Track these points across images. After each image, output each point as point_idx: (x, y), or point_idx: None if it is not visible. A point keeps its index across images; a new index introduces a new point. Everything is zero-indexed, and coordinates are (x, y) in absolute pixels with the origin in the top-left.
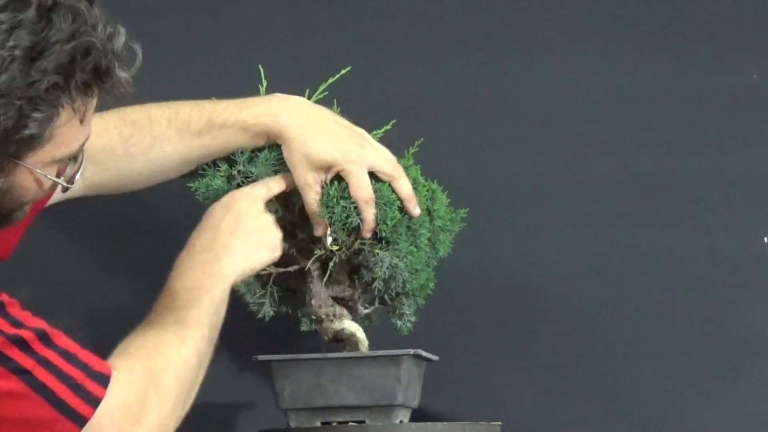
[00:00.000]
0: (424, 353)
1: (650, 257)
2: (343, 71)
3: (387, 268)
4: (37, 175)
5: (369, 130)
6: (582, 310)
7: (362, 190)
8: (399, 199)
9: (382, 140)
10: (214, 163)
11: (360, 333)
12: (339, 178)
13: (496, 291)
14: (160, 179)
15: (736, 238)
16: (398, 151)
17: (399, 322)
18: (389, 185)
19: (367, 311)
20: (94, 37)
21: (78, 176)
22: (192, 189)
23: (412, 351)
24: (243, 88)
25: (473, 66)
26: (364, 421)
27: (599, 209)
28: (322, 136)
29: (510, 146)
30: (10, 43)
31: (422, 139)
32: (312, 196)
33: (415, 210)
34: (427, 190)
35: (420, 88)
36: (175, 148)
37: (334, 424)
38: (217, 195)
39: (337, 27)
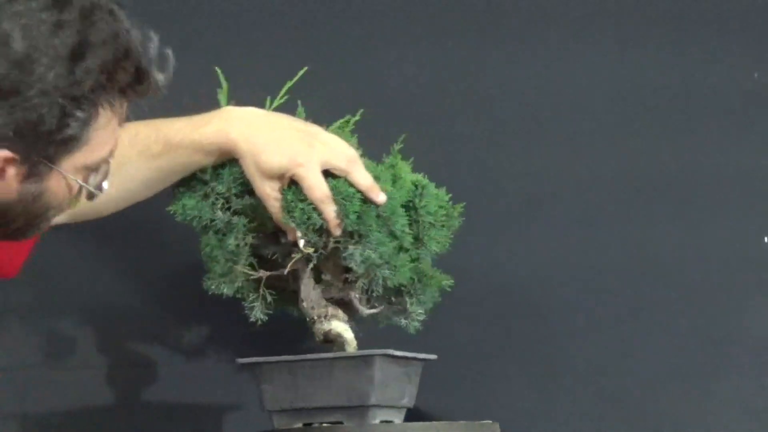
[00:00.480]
0: (397, 353)
1: (650, 257)
2: (300, 72)
3: (361, 261)
4: (69, 180)
5: (366, 129)
6: (581, 310)
7: (315, 190)
8: (359, 191)
9: (371, 133)
10: (188, 184)
11: (347, 333)
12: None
13: (495, 291)
14: (129, 201)
15: (737, 237)
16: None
17: (404, 321)
18: (345, 180)
19: (372, 311)
20: (133, 39)
21: (105, 184)
22: (171, 212)
23: (380, 351)
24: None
25: (473, 64)
26: (341, 422)
27: (598, 209)
28: (271, 146)
29: (510, 146)
30: (55, 42)
31: (404, 135)
32: (272, 205)
33: (379, 197)
34: (415, 184)
35: (419, 85)
36: (137, 170)
37: (316, 425)
38: (194, 215)
39: (332, 23)
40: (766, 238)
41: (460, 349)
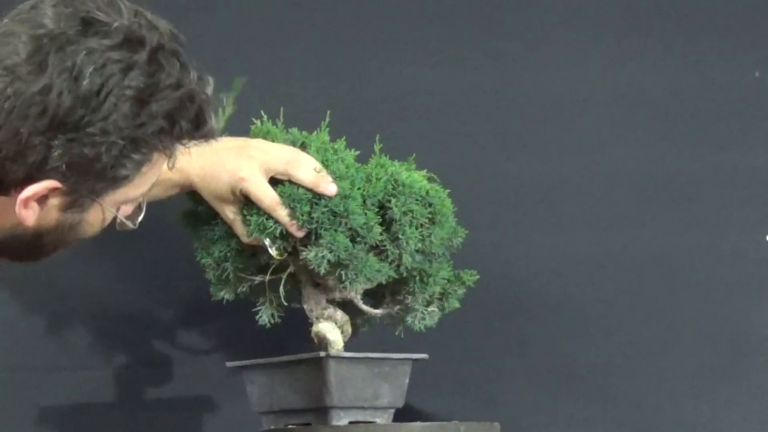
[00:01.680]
0: (347, 354)
1: (650, 257)
2: (241, 82)
3: (317, 262)
4: (106, 213)
5: (370, 131)
6: (582, 310)
7: (263, 200)
8: (306, 188)
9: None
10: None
11: (331, 335)
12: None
13: (497, 290)
14: None
15: (738, 237)
16: (396, 151)
17: (409, 320)
18: (290, 182)
19: (379, 311)
20: (198, 85)
21: (140, 218)
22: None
23: (323, 353)
24: None
25: (473, 65)
26: (310, 423)
27: (599, 209)
28: (215, 171)
29: (510, 146)
30: (125, 83)
31: (379, 135)
32: (237, 227)
33: (328, 189)
34: (394, 182)
35: (422, 86)
36: None
37: (291, 426)
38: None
39: (336, 24)
40: (767, 237)
41: (461, 348)
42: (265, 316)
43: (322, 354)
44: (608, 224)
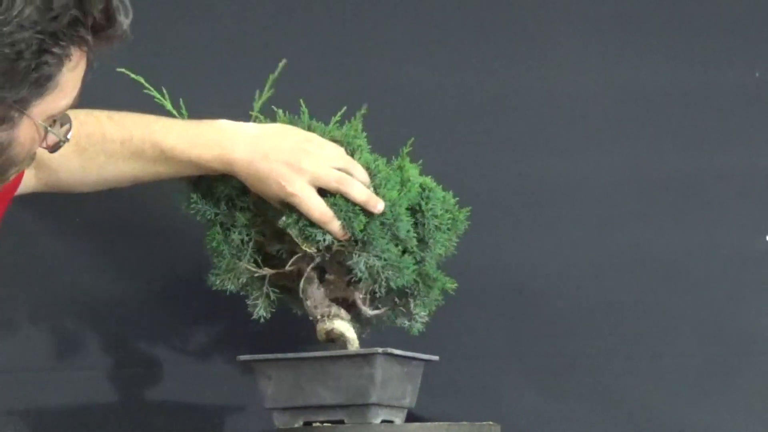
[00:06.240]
0: (398, 351)
1: (650, 257)
2: (280, 65)
3: (365, 268)
4: (39, 128)
5: (374, 131)
6: (582, 310)
7: (314, 213)
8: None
9: (379, 135)
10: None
11: (349, 333)
12: None
13: (496, 291)
14: (107, 187)
15: (737, 236)
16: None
17: (407, 322)
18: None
19: (376, 312)
20: None
21: (70, 134)
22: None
23: (381, 350)
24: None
25: (475, 65)
26: (342, 421)
27: (599, 209)
28: (264, 179)
29: (511, 146)
30: None
31: (413, 138)
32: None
33: (377, 207)
34: (422, 187)
35: (423, 87)
36: (130, 169)
37: (317, 424)
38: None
39: (344, 24)
40: (767, 237)
41: (463, 350)
42: (261, 310)
43: (380, 350)
44: (608, 224)
